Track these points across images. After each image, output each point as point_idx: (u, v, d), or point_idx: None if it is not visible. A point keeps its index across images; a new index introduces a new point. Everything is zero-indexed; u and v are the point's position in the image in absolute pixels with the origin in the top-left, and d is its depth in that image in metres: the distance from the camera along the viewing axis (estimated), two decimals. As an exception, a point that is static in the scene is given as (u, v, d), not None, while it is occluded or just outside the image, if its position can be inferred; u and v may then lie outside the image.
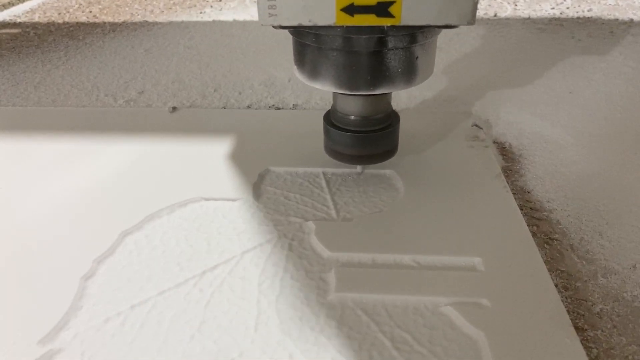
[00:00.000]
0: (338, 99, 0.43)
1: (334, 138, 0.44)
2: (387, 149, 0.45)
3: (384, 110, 0.43)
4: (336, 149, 0.45)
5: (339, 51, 0.37)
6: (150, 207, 0.43)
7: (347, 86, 0.39)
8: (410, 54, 0.38)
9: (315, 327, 0.32)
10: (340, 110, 0.44)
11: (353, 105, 0.42)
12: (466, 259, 0.37)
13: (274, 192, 0.45)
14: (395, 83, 0.39)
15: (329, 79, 0.39)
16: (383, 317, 0.33)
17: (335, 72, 0.38)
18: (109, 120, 0.58)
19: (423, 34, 0.37)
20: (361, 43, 0.36)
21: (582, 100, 0.61)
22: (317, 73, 0.39)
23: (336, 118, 0.44)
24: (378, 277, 0.36)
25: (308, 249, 0.39)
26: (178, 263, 0.37)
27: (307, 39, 0.38)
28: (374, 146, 0.44)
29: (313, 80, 0.40)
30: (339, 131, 0.43)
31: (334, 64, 0.38)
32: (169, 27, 0.93)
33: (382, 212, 0.42)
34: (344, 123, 0.44)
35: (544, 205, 0.44)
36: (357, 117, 0.43)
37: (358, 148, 0.44)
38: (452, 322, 0.32)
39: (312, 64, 0.39)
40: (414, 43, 0.37)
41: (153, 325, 0.32)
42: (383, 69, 0.38)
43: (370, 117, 0.43)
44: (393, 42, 0.36)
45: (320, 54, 0.38)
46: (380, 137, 0.43)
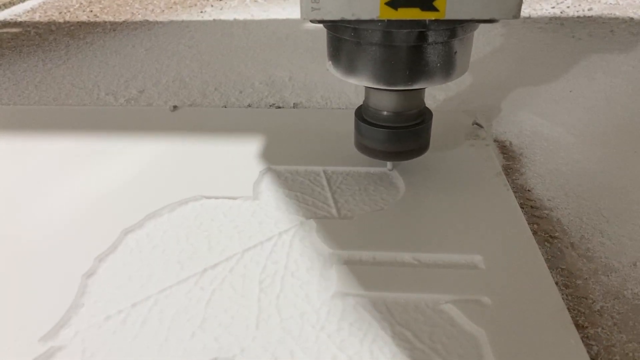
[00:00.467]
0: (371, 94, 0.43)
1: (365, 134, 0.44)
2: (419, 146, 0.44)
3: (417, 106, 0.43)
4: (367, 144, 0.44)
5: (378, 45, 0.37)
6: (151, 206, 0.43)
7: (384, 81, 0.38)
8: (450, 48, 0.37)
9: (316, 324, 0.32)
10: (372, 106, 0.43)
11: (387, 100, 0.42)
12: (467, 256, 0.37)
13: (275, 191, 0.45)
14: (433, 78, 0.38)
15: (366, 74, 0.38)
16: (384, 315, 0.33)
17: (373, 67, 0.38)
18: (110, 119, 0.58)
19: (462, 29, 0.37)
20: (401, 37, 0.36)
21: (583, 99, 0.61)
22: (354, 68, 0.39)
23: (368, 114, 0.43)
24: (379, 274, 0.36)
25: (309, 246, 0.39)
26: (179, 261, 0.37)
27: (345, 33, 0.37)
28: (406, 143, 0.43)
29: (349, 75, 0.40)
30: (371, 127, 0.43)
31: (372, 59, 0.37)
32: (169, 26, 0.93)
33: (383, 210, 0.42)
34: (376, 119, 0.43)
35: (545, 204, 0.44)
36: (390, 113, 0.42)
37: (390, 144, 0.43)
38: (453, 320, 0.32)
39: (349, 59, 0.39)
40: (454, 37, 0.37)
41: (154, 323, 0.33)
42: (422, 64, 0.37)
43: (404, 112, 0.42)
44: (433, 37, 0.36)
45: (358, 48, 0.38)
46: (413, 133, 0.43)
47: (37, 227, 0.41)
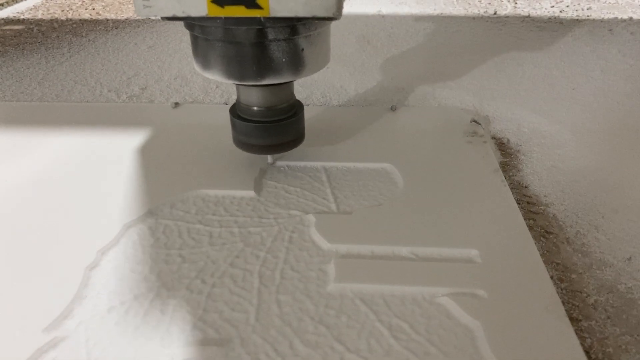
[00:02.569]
0: (240, 90, 0.44)
1: (240, 129, 0.45)
2: (292, 138, 0.46)
3: (286, 100, 0.44)
4: (243, 140, 0.46)
5: (223, 42, 0.38)
6: (153, 200, 0.43)
7: (235, 76, 0.40)
8: (294, 45, 0.39)
9: (314, 316, 0.33)
10: (243, 102, 0.44)
11: (254, 95, 0.43)
12: (463, 251, 0.37)
13: (275, 186, 0.46)
14: (281, 74, 0.40)
15: (218, 69, 0.40)
16: (381, 307, 0.33)
17: (222, 62, 0.39)
18: (112, 116, 0.59)
19: (305, 26, 0.38)
20: (241, 34, 0.37)
21: (581, 97, 0.62)
22: (208, 63, 0.40)
23: (241, 109, 0.45)
24: (376, 268, 0.36)
25: (308, 241, 0.39)
26: (180, 254, 0.38)
27: (195, 30, 0.39)
28: (279, 135, 0.45)
29: (205, 70, 0.41)
30: (244, 122, 0.44)
31: (221, 55, 0.39)
32: (171, 23, 0.94)
33: (381, 206, 0.43)
34: (247, 114, 0.44)
35: (541, 200, 0.44)
36: (260, 108, 0.44)
37: (264, 138, 0.45)
38: (449, 312, 0.33)
39: (203, 55, 0.40)
40: (296, 35, 0.38)
41: (156, 314, 0.33)
42: (267, 60, 0.39)
43: (274, 107, 0.44)
44: (273, 34, 0.37)
45: (208, 45, 0.39)
46: (285, 126, 0.44)
47: (41, 221, 0.42)
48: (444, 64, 0.73)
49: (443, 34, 0.86)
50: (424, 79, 0.68)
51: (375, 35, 0.85)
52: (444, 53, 0.77)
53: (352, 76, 0.69)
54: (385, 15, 0.97)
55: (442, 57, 0.76)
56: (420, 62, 0.74)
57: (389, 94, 0.64)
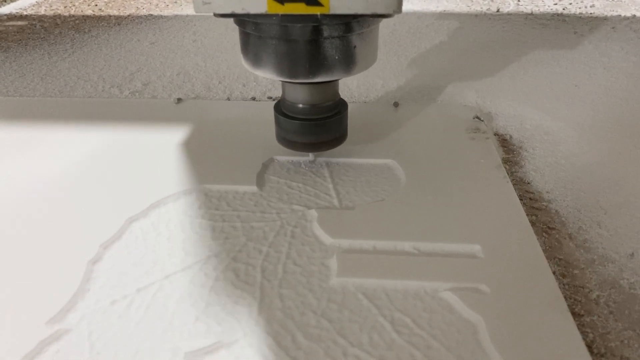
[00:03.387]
0: (287, 88, 0.44)
1: (284, 126, 0.45)
2: (337, 136, 0.46)
3: (331, 99, 0.44)
4: (287, 137, 0.45)
5: (278, 39, 0.38)
6: (155, 195, 0.44)
7: (287, 74, 0.40)
8: (348, 43, 0.39)
9: (317, 310, 0.33)
10: (288, 99, 0.44)
11: (300, 93, 0.43)
12: (466, 246, 0.38)
13: (277, 181, 0.46)
14: (333, 71, 0.40)
15: (270, 67, 0.40)
16: (383, 301, 0.33)
17: (275, 60, 0.39)
18: (115, 111, 0.59)
19: (359, 24, 0.38)
20: (297, 32, 0.37)
21: (584, 94, 0.62)
22: (260, 61, 0.40)
23: (285, 107, 0.45)
24: (379, 262, 0.36)
25: (310, 235, 0.39)
26: (183, 248, 0.38)
27: (248, 27, 0.39)
28: (322, 133, 0.45)
29: (256, 67, 0.41)
30: (288, 119, 0.44)
31: (274, 52, 0.39)
32: (174, 20, 0.94)
33: (384, 201, 0.43)
34: (292, 111, 0.44)
35: (544, 196, 0.44)
36: (305, 105, 0.44)
37: (307, 136, 0.44)
38: (451, 307, 0.33)
39: (255, 52, 0.40)
40: (351, 32, 0.38)
41: (159, 307, 0.33)
42: (320, 58, 0.39)
43: (318, 105, 0.44)
44: (328, 31, 0.37)
45: (261, 42, 0.39)
46: (329, 124, 0.44)
47: (44, 216, 0.42)
48: (447, 61, 0.73)
49: (446, 31, 0.86)
50: (426, 76, 0.68)
51: (377, 32, 0.85)
52: (447, 50, 0.77)
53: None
54: (387, 12, 0.96)
55: (444, 54, 0.76)
56: (423, 59, 0.74)
57: (392, 91, 0.64)
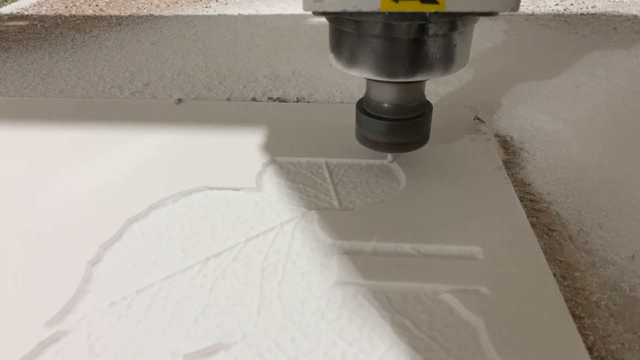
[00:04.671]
0: (372, 86, 0.43)
1: (366, 125, 0.44)
2: (419, 137, 0.45)
3: (417, 99, 0.43)
4: (369, 136, 0.45)
5: (380, 38, 0.37)
6: (155, 196, 0.44)
7: (385, 73, 0.39)
8: (450, 41, 0.38)
9: (316, 312, 0.33)
10: (374, 98, 0.43)
11: (388, 92, 0.42)
12: (466, 247, 0.37)
13: (278, 182, 0.46)
14: (433, 70, 0.39)
15: (367, 66, 0.39)
16: (383, 303, 0.33)
17: (374, 59, 0.38)
18: (115, 112, 0.59)
19: (462, 22, 0.37)
20: (402, 30, 0.36)
21: (584, 95, 0.62)
22: (355, 60, 0.39)
23: (370, 106, 0.44)
24: (379, 264, 0.36)
25: (310, 236, 0.39)
26: (183, 249, 0.38)
27: (347, 26, 0.38)
28: (406, 134, 0.44)
29: (350, 67, 0.40)
30: (372, 119, 0.43)
31: (373, 51, 0.38)
32: (174, 20, 0.94)
33: (384, 202, 0.43)
34: (377, 111, 0.44)
35: (544, 197, 0.44)
36: (390, 105, 0.43)
37: (390, 136, 0.43)
38: (451, 309, 0.33)
39: (350, 51, 0.39)
40: (454, 30, 0.37)
41: (158, 308, 0.33)
42: (422, 56, 0.38)
43: (404, 105, 0.43)
44: (434, 29, 0.36)
45: (360, 40, 0.38)
46: (413, 125, 0.43)
47: (43, 216, 0.42)
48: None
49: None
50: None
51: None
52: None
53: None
54: (388, 13, 0.96)
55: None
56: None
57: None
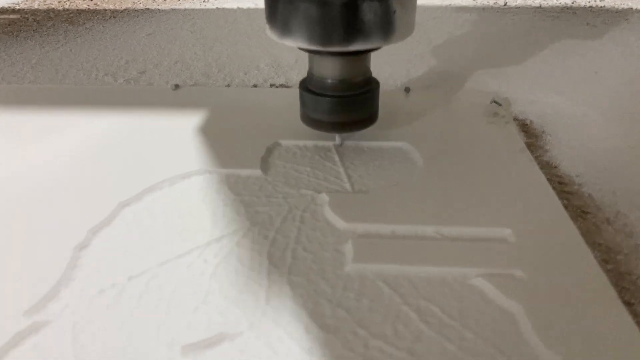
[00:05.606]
0: (314, 61, 0.41)
1: (309, 104, 0.41)
2: (366, 115, 0.42)
3: (362, 74, 0.41)
4: (312, 116, 0.42)
5: (312, 2, 0.35)
6: (151, 179, 0.40)
7: (319, 41, 0.36)
8: (387, 7, 0.36)
9: (332, 299, 0.29)
10: (316, 74, 0.41)
11: (330, 67, 0.40)
12: (495, 230, 0.34)
13: (284, 166, 0.42)
14: (371, 38, 0.36)
15: (301, 34, 0.36)
16: (407, 289, 0.30)
17: (307, 26, 0.36)
18: (110, 98, 0.55)
19: None
20: None
21: (604, 80, 0.58)
22: (289, 28, 0.37)
23: (312, 83, 0.41)
24: (399, 248, 0.32)
25: (321, 220, 0.35)
26: (180, 234, 0.34)
27: None
28: (352, 112, 0.41)
29: (284, 36, 0.38)
30: (315, 96, 0.41)
31: (306, 17, 0.35)
32: (171, 13, 0.91)
33: (401, 185, 0.39)
34: (320, 88, 0.41)
35: (573, 180, 0.41)
36: (334, 81, 0.40)
37: (335, 114, 0.41)
38: (484, 294, 0.29)
39: (284, 18, 0.37)
40: None
41: (153, 297, 0.29)
42: (358, 23, 0.35)
43: (348, 80, 0.40)
44: None
45: (292, 7, 0.36)
46: (359, 102, 0.41)
47: (31, 199, 0.38)
48: (457, 50, 0.70)
49: (453, 23, 0.83)
50: (437, 64, 0.65)
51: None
52: (456, 40, 0.74)
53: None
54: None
55: (454, 44, 0.72)
56: (431, 49, 0.71)
57: (398, 79, 0.60)
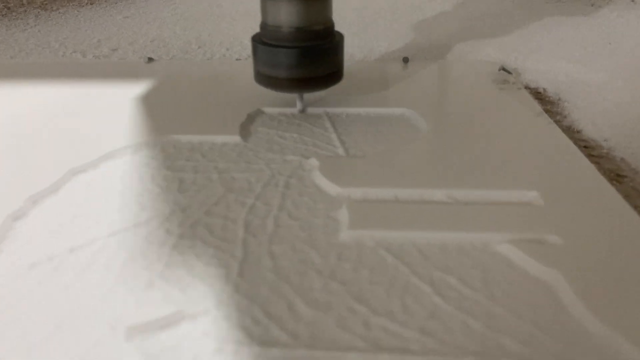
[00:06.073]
0: (267, 5, 0.35)
1: (263, 58, 0.36)
2: (330, 70, 0.36)
3: (322, 22, 0.35)
4: (267, 72, 0.36)
5: None
6: (110, 146, 0.34)
7: None
8: None
9: (323, 270, 0.23)
10: (270, 22, 0.35)
11: (285, 11, 0.34)
12: (517, 192, 0.28)
13: (267, 132, 0.36)
14: None
15: None
16: (415, 258, 0.24)
17: None
18: (74, 70, 0.50)
19: None
20: None
21: (620, 49, 0.54)
22: None
23: (266, 33, 0.36)
24: (404, 213, 0.27)
25: (310, 186, 0.30)
26: (139, 202, 0.28)
27: None
28: (312, 65, 0.35)
29: None
30: (269, 47, 0.35)
31: None
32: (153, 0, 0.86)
33: (403, 149, 0.33)
34: (275, 38, 0.35)
35: (601, 144, 0.35)
36: (290, 29, 0.35)
37: (294, 68, 0.35)
38: (512, 262, 0.23)
39: None
40: None
41: (98, 270, 0.23)
42: None
43: (307, 28, 0.35)
44: None
45: None
46: (322, 52, 0.35)
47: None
48: (458, 23, 0.65)
49: (452, 5, 0.78)
50: (437, 36, 0.60)
51: (374, 3, 0.77)
52: (456, 15, 0.69)
53: (352, 38, 0.61)
54: (386, -8, 0.89)
55: (454, 18, 0.67)
56: (430, 23, 0.66)
57: (398, 52, 0.55)
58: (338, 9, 0.73)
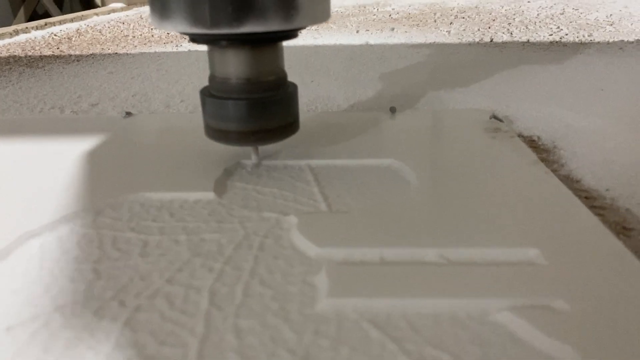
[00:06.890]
0: (215, 57, 0.33)
1: (212, 111, 0.34)
2: (283, 122, 0.34)
3: (274, 72, 0.34)
4: (217, 125, 0.34)
5: None
6: (73, 206, 0.31)
7: (202, 21, 0.29)
8: None
9: (296, 350, 0.20)
10: (219, 74, 0.33)
11: (234, 62, 0.32)
12: (517, 250, 0.25)
13: (244, 188, 0.34)
14: (267, 18, 0.29)
15: (182, 14, 0.29)
16: (404, 332, 0.21)
17: (188, 3, 0.29)
18: (47, 126, 0.48)
19: None
20: None
21: (614, 95, 0.52)
22: (168, 10, 0.30)
23: (215, 85, 0.34)
24: (391, 277, 0.24)
25: (287, 247, 0.27)
26: (95, 270, 0.25)
27: None
28: (264, 118, 0.33)
29: (164, 19, 0.30)
30: (217, 100, 0.33)
31: None
32: (140, 56, 0.85)
33: (391, 203, 0.31)
34: (224, 90, 0.33)
35: (603, 194, 0.33)
36: (240, 80, 0.33)
37: (244, 121, 0.33)
38: (514, 334, 0.20)
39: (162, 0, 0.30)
40: None
41: (35, 351, 0.20)
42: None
43: (257, 80, 0.33)
44: None
45: None
46: (272, 104, 0.33)
47: None
48: (447, 74, 0.64)
49: (439, 56, 0.78)
50: (424, 87, 0.58)
51: (364, 57, 0.77)
52: (445, 67, 0.69)
53: (341, 88, 0.59)
54: (373, 45, 0.89)
55: (443, 70, 0.67)
56: (417, 75, 0.65)
57: (385, 102, 0.53)
58: (326, 61, 0.73)
